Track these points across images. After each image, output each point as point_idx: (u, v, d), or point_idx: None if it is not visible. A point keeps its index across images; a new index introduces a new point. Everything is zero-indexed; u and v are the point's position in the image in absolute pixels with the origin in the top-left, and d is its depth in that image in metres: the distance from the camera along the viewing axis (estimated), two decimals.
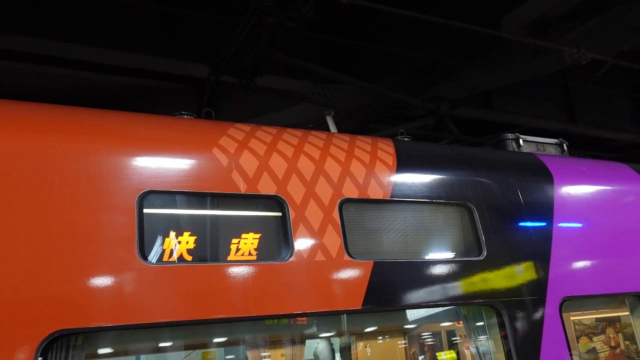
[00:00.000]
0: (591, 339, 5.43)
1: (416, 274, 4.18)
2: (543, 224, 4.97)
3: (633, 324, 5.34)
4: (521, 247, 4.73)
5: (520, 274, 4.61)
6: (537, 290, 4.60)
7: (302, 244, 3.83)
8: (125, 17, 8.81)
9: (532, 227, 4.89)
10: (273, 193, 3.91)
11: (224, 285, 3.50)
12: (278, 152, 4.12)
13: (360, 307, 3.86)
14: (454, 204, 4.67)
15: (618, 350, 5.44)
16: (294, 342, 5.23)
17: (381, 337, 7.08)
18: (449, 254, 4.65)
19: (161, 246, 3.53)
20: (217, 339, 4.93)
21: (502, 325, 4.40)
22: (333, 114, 5.57)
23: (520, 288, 4.55)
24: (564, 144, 6.30)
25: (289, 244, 3.79)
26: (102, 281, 3.18)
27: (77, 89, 10.24)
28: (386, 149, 4.70)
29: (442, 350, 6.73)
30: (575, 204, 5.28)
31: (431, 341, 6.98)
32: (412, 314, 5.64)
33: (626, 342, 5.46)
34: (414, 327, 6.78)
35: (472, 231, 4.63)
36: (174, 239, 3.57)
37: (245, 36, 6.53)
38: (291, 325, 4.80)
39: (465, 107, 11.34)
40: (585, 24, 8.46)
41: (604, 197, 5.51)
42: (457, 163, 4.93)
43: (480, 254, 4.51)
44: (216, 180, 3.76)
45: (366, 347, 6.83)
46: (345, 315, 4.79)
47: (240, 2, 7.13)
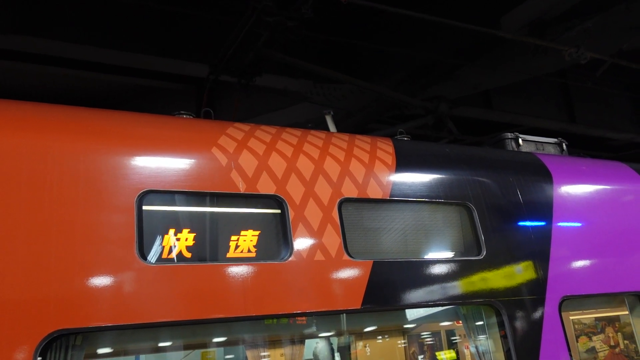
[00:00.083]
0: (590, 338, 5.43)
1: (415, 273, 4.18)
2: (542, 223, 4.97)
3: (632, 323, 5.35)
4: (520, 246, 4.73)
5: (519, 273, 4.61)
6: (537, 290, 4.60)
7: (302, 243, 3.83)
8: (125, 17, 8.81)
9: (532, 226, 4.89)
10: (272, 193, 3.90)
11: (223, 285, 3.50)
12: (277, 151, 4.11)
13: (359, 307, 3.86)
14: (454, 203, 4.67)
15: (617, 350, 5.44)
16: (293, 342, 5.23)
17: (380, 337, 7.07)
18: (448, 254, 4.65)
19: (160, 246, 3.52)
20: (216, 338, 4.93)
21: (501, 325, 4.40)
22: (332, 113, 5.57)
23: (520, 287, 4.55)
24: (564, 144, 6.29)
25: (288, 243, 3.79)
26: (101, 281, 3.18)
27: (77, 88, 10.25)
28: (385, 149, 4.70)
29: (442, 349, 6.72)
30: (574, 203, 5.28)
31: (431, 341, 6.98)
32: (411, 314, 5.65)
33: (625, 342, 5.46)
34: (413, 326, 6.77)
35: (471, 231, 4.63)
36: (173, 238, 3.57)
37: (245, 36, 6.52)
38: (290, 325, 4.80)
39: (465, 107, 11.35)
40: (584, 23, 8.46)
41: (603, 197, 5.51)
42: (456, 162, 4.93)
43: (480, 253, 4.51)
44: (215, 180, 3.75)
45: (365, 347, 6.82)
46: (344, 315, 4.79)
47: (240, 1, 7.12)
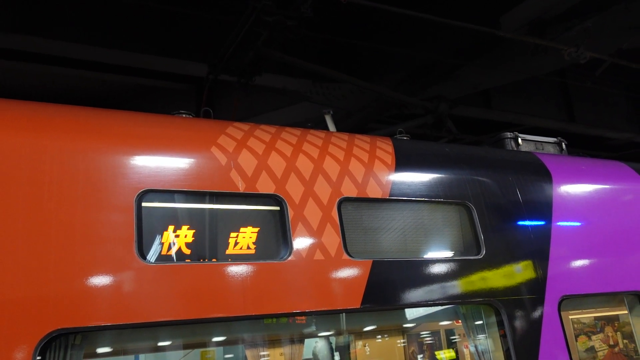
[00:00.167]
0: (590, 337, 5.43)
1: (415, 273, 4.18)
2: (542, 222, 4.97)
3: (631, 322, 5.35)
4: (520, 245, 4.73)
5: (519, 272, 4.61)
6: (536, 289, 4.60)
7: (301, 243, 3.83)
8: (125, 17, 8.81)
9: (531, 225, 4.89)
10: (272, 192, 3.90)
11: (223, 285, 3.50)
12: (277, 151, 4.11)
13: (359, 306, 3.86)
14: (453, 202, 4.67)
15: (617, 349, 5.44)
16: (292, 341, 5.23)
17: (380, 336, 7.07)
18: (447, 253, 4.65)
19: (160, 245, 3.52)
20: (215, 338, 4.93)
21: (500, 324, 4.40)
22: (332, 113, 5.58)
23: (519, 287, 4.55)
24: (563, 143, 6.29)
25: (288, 243, 3.79)
26: (100, 280, 3.18)
27: (77, 88, 10.26)
28: (385, 148, 4.70)
29: (441, 349, 6.73)
30: (574, 202, 5.28)
31: (430, 340, 6.98)
32: (411, 313, 5.65)
33: (625, 341, 5.46)
34: (412, 326, 6.77)
35: (470, 230, 4.63)
36: (172, 238, 3.57)
37: (244, 35, 6.51)
38: (290, 324, 4.80)
39: (464, 107, 11.36)
40: (583, 23, 8.47)
41: (602, 196, 5.51)
42: (455, 162, 4.93)
43: (479, 252, 4.51)
44: (215, 179, 3.75)
45: (365, 346, 6.82)
46: (344, 314, 4.79)
47: (240, 1, 7.12)
